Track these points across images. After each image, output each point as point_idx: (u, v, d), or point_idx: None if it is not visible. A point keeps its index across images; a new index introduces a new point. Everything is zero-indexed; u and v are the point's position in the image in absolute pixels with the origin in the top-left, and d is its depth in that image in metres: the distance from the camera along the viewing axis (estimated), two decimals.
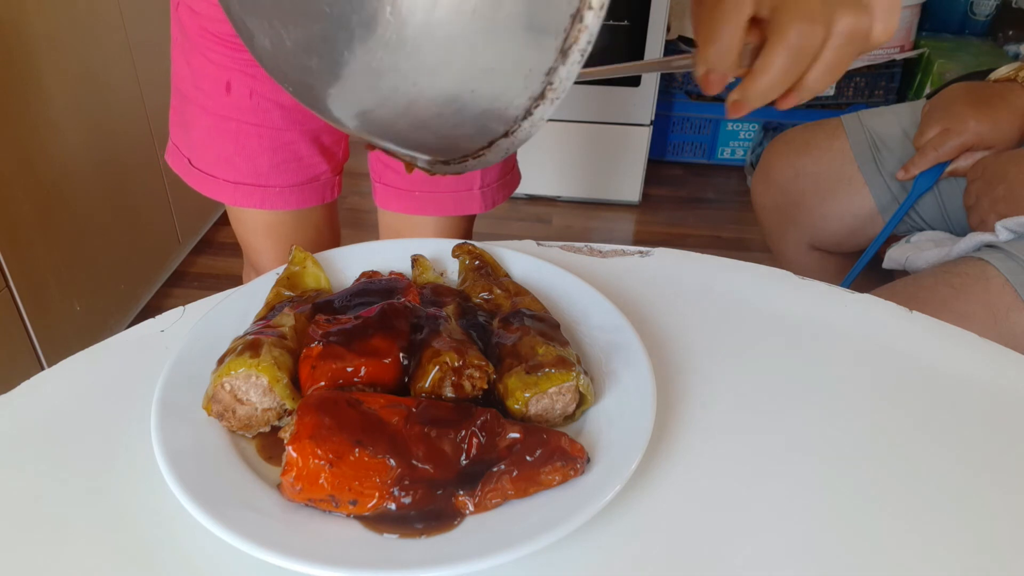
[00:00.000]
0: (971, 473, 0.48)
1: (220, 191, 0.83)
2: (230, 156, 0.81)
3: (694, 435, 0.49)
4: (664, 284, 0.63)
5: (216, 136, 0.80)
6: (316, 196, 0.86)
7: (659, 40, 1.85)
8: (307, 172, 0.84)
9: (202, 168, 0.83)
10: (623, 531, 0.43)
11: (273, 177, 0.82)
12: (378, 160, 0.89)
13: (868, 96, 2.14)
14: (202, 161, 0.83)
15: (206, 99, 0.79)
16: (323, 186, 0.86)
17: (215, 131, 0.80)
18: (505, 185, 0.91)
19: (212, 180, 0.83)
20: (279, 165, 0.82)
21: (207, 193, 0.84)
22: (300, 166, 0.83)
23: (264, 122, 0.80)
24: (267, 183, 0.83)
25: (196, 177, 0.84)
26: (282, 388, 0.46)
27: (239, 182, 0.82)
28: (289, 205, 0.84)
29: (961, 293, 0.78)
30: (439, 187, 0.86)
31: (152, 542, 0.42)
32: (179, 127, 0.84)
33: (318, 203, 0.87)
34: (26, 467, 0.47)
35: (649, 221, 2.09)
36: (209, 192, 0.84)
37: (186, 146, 0.83)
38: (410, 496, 0.42)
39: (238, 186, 0.82)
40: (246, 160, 0.81)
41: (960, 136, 0.93)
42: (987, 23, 2.12)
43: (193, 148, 0.83)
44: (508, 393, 0.47)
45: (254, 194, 0.83)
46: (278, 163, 0.82)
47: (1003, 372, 0.55)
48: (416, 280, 0.60)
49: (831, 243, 1.11)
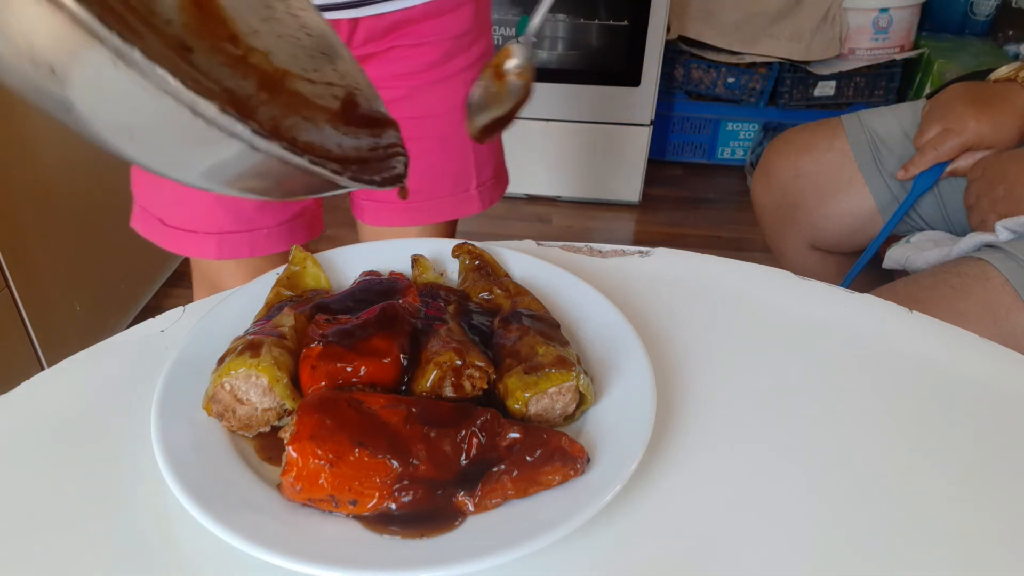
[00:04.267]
0: (971, 473, 0.48)
1: (203, 247, 0.76)
2: (210, 206, 0.75)
3: (694, 435, 0.49)
4: (664, 284, 0.63)
5: (194, 190, 0.75)
6: (304, 232, 0.81)
7: (659, 40, 1.85)
8: (293, 207, 0.79)
9: (179, 225, 0.76)
10: (623, 531, 0.43)
11: (259, 219, 0.76)
12: None
13: (868, 96, 2.14)
14: (178, 218, 0.76)
15: None
16: (310, 220, 0.81)
17: None
18: (499, 183, 0.90)
19: (191, 236, 0.76)
20: (264, 205, 0.76)
21: (187, 252, 0.77)
22: (286, 202, 0.78)
23: None
24: (254, 226, 0.76)
25: (173, 237, 0.76)
26: (282, 388, 0.46)
27: (224, 231, 0.76)
28: (279, 246, 0.79)
29: (961, 293, 0.78)
30: (439, 192, 0.84)
31: (152, 542, 0.42)
32: (146, 187, 0.77)
33: (307, 239, 0.81)
34: (26, 467, 0.47)
35: (649, 221, 2.09)
36: (190, 250, 0.77)
37: (156, 205, 0.77)
38: (410, 496, 0.42)
39: (223, 236, 0.76)
40: (229, 207, 0.75)
41: (960, 136, 0.93)
42: (987, 23, 2.12)
43: (165, 205, 0.76)
44: (508, 393, 0.47)
45: (242, 242, 0.77)
46: (263, 203, 0.76)
47: (1003, 372, 0.55)
48: (416, 280, 0.60)
49: (831, 243, 1.11)
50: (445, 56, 0.77)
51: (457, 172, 0.84)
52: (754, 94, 2.15)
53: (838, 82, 2.11)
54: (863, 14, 2.03)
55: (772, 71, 2.10)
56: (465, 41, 0.78)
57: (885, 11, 2.02)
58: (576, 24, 1.93)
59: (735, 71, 2.11)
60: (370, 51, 0.74)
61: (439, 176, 0.84)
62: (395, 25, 0.73)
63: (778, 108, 2.16)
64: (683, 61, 2.14)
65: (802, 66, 2.08)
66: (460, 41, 0.77)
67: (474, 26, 0.78)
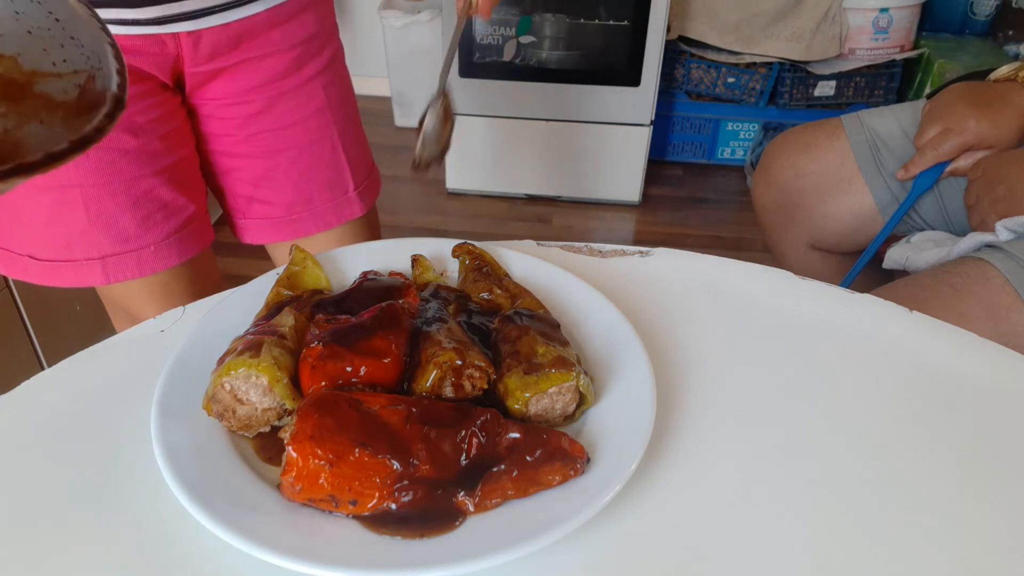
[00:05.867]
0: (971, 472, 0.48)
1: (87, 274, 0.71)
2: (83, 230, 0.70)
3: (694, 435, 0.49)
4: (664, 284, 0.63)
5: (62, 214, 0.69)
6: (194, 244, 0.77)
7: (659, 40, 1.85)
8: (177, 218, 0.75)
9: (52, 257, 0.71)
10: (623, 531, 0.43)
11: (142, 236, 0.72)
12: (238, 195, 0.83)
13: (868, 96, 2.14)
14: (49, 250, 0.70)
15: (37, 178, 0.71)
16: (197, 230, 0.78)
17: (59, 209, 0.68)
18: (374, 180, 0.89)
19: (70, 266, 0.71)
20: (145, 219, 0.72)
21: (70, 283, 0.72)
22: (167, 213, 0.74)
23: (112, 178, 0.69)
24: (138, 245, 0.72)
25: (50, 271, 0.71)
26: (282, 388, 0.46)
27: (106, 255, 0.71)
28: (171, 260, 0.75)
29: (961, 293, 0.78)
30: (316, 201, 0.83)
31: (152, 542, 0.42)
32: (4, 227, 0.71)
33: (198, 251, 0.78)
34: (26, 467, 0.47)
35: (649, 221, 2.09)
36: (74, 280, 0.72)
37: (21, 243, 0.71)
38: (410, 496, 0.42)
39: (106, 260, 0.71)
40: (105, 228, 0.70)
41: (960, 136, 0.93)
42: (987, 23, 2.12)
43: (33, 241, 0.71)
44: (508, 393, 0.47)
45: (127, 263, 0.72)
46: (142, 218, 0.71)
47: (1003, 372, 0.55)
48: (416, 280, 0.60)
49: (831, 243, 1.11)
50: (296, 63, 0.77)
51: (331, 178, 0.84)
52: (754, 94, 2.15)
53: (838, 82, 2.11)
54: (863, 14, 2.03)
55: (772, 71, 2.10)
56: (314, 46, 0.78)
57: (885, 11, 2.02)
58: (576, 24, 1.93)
59: (735, 71, 2.11)
60: (219, 66, 0.73)
61: (315, 185, 0.83)
62: (240, 36, 0.72)
63: (778, 108, 2.16)
64: (683, 61, 2.14)
65: (802, 66, 2.08)
66: (308, 46, 0.77)
67: (320, 30, 0.78)
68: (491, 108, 1.98)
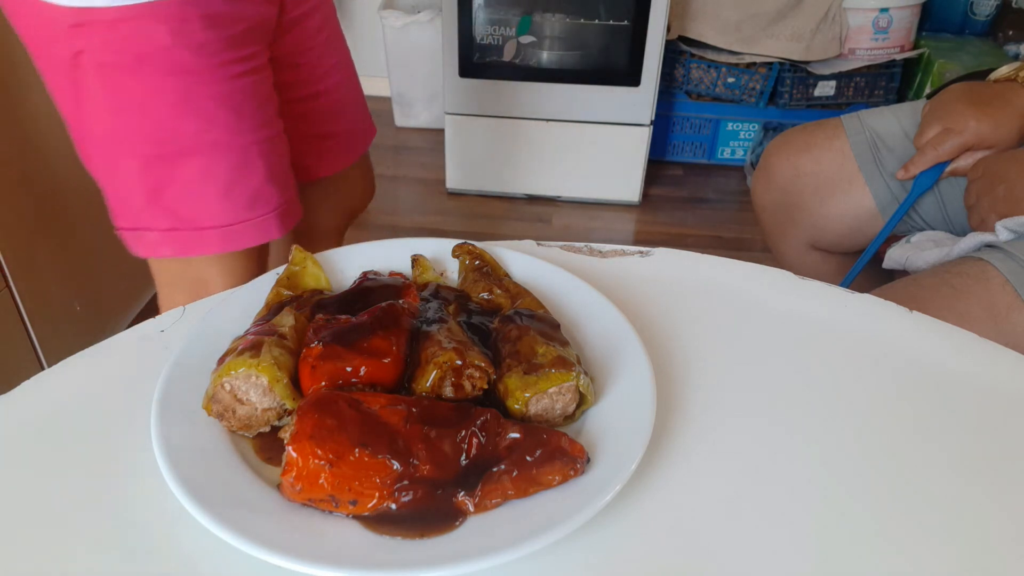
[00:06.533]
0: (971, 473, 0.48)
1: (267, 229, 0.72)
2: (261, 183, 0.70)
3: (694, 435, 0.49)
4: (664, 284, 0.63)
5: (244, 174, 0.70)
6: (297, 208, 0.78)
7: (659, 40, 1.85)
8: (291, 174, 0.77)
9: (231, 221, 0.70)
10: (623, 531, 0.43)
11: (292, 188, 0.74)
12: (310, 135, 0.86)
13: (868, 96, 2.14)
14: (230, 214, 0.70)
15: (221, 131, 0.68)
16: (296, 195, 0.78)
17: (242, 169, 0.70)
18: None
19: (251, 224, 0.70)
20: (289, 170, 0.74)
21: (253, 241, 0.71)
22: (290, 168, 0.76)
23: (278, 129, 0.71)
24: (293, 195, 0.73)
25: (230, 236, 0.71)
26: (282, 388, 0.46)
27: (278, 206, 0.71)
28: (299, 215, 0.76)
29: (961, 293, 0.78)
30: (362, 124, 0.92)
31: (152, 542, 0.42)
32: (157, 205, 0.71)
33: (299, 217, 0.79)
34: (26, 467, 0.47)
35: (649, 221, 2.09)
36: (256, 238, 0.72)
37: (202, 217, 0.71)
38: (410, 496, 0.42)
39: (280, 212, 0.71)
40: (278, 181, 0.71)
41: (960, 136, 0.92)
42: (987, 23, 2.12)
43: (213, 210, 0.70)
44: (508, 393, 0.47)
45: (292, 211, 0.73)
46: (288, 168, 0.74)
47: (1003, 372, 0.55)
48: (416, 280, 0.60)
49: (831, 243, 1.11)
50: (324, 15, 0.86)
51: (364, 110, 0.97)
52: (754, 94, 2.15)
53: (838, 82, 2.11)
54: (863, 14, 2.03)
55: (772, 71, 2.10)
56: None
57: (885, 11, 2.02)
58: (576, 24, 1.93)
59: (735, 71, 2.11)
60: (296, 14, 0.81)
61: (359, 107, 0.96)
62: None
63: (778, 108, 2.16)
64: (683, 61, 2.14)
65: (802, 66, 2.08)
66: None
67: None
68: (491, 108, 1.98)
